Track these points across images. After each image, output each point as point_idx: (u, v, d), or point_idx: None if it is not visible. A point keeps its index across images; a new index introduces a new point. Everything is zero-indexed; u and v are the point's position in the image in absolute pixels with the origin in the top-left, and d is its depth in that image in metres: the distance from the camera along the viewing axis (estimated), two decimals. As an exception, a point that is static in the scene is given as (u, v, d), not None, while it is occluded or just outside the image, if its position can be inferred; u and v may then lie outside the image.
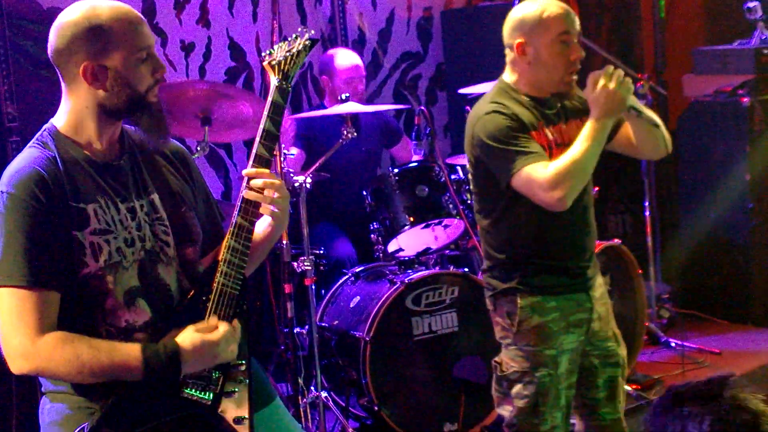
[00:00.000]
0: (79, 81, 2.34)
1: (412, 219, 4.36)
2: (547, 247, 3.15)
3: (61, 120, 2.41)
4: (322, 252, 4.46)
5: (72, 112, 2.39)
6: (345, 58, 4.97)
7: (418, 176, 4.43)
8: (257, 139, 2.48)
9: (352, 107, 4.38)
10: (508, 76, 3.20)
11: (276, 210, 2.47)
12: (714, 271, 5.67)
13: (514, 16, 3.18)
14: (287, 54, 2.52)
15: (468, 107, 4.68)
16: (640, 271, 4.84)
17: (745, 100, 5.48)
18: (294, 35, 2.58)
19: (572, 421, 3.29)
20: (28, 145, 2.41)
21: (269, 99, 2.49)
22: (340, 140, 4.21)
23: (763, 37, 5.64)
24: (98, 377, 2.27)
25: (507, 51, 3.19)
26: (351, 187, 4.78)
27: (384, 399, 4.13)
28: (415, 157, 4.77)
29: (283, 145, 4.24)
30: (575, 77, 3.16)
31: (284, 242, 4.12)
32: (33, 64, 4.47)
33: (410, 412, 4.20)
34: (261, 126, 2.47)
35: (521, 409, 3.15)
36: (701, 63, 5.88)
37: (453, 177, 4.57)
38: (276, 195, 2.45)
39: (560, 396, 3.15)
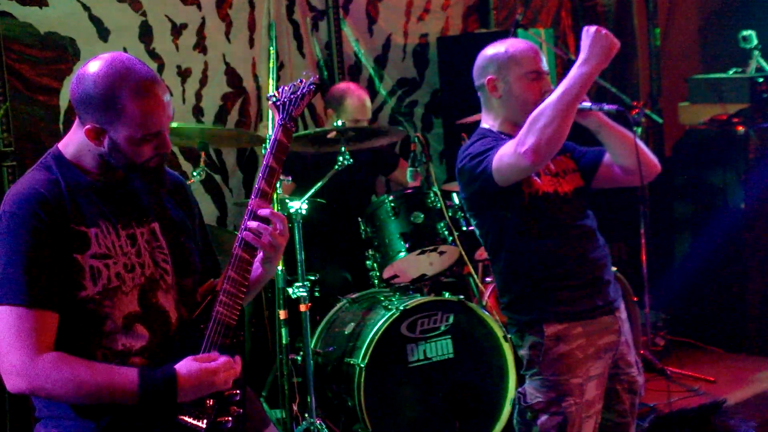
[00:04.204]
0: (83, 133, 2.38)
1: (407, 245, 4.36)
2: (560, 267, 3.16)
3: (66, 147, 2.44)
4: (317, 278, 4.45)
5: (78, 145, 2.42)
6: (357, 98, 4.96)
7: (414, 203, 4.43)
8: (260, 174, 2.51)
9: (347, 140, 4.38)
10: (485, 121, 3.29)
11: (275, 245, 2.49)
12: (709, 300, 5.67)
13: (483, 56, 3.28)
14: (292, 96, 2.60)
15: (464, 134, 4.71)
16: (635, 299, 4.84)
17: (740, 128, 5.50)
18: (299, 79, 2.65)
19: None
20: (32, 168, 2.43)
21: (274, 137, 2.55)
22: (336, 167, 4.21)
23: (758, 66, 5.67)
24: (94, 399, 2.27)
25: (480, 95, 3.28)
26: (346, 213, 4.78)
27: (378, 426, 4.11)
28: (411, 184, 4.77)
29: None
30: None
31: (279, 268, 4.12)
32: (29, 89, 4.47)
33: (404, 439, 4.18)
34: (264, 162, 2.52)
35: None
36: (696, 91, 5.91)
37: (448, 203, 4.57)
38: (279, 227, 2.47)
39: (587, 423, 3.13)
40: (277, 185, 2.59)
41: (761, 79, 5.57)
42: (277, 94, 2.62)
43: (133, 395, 2.27)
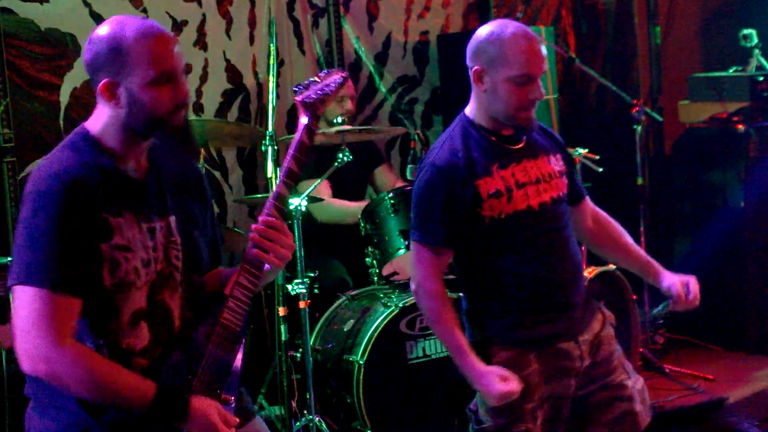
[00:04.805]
0: (101, 97, 2.34)
1: (407, 242, 4.36)
2: (520, 288, 2.93)
3: (94, 126, 2.38)
4: (316, 275, 4.45)
5: (103, 121, 2.37)
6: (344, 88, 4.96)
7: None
8: (280, 176, 2.48)
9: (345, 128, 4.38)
10: (470, 107, 3.03)
11: (279, 261, 2.47)
12: (708, 298, 5.63)
13: (478, 39, 2.97)
14: (320, 93, 2.54)
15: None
16: (634, 297, 4.84)
17: (741, 127, 5.50)
18: (324, 72, 2.60)
19: None
20: (60, 146, 2.37)
21: (297, 137, 2.50)
22: (336, 164, 4.21)
23: (758, 65, 5.67)
24: (104, 400, 2.25)
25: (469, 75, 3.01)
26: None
27: (377, 423, 4.11)
28: (402, 183, 4.77)
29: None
30: (532, 113, 2.94)
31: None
32: (29, 85, 4.47)
33: (403, 436, 4.18)
34: (285, 164, 2.48)
35: None
36: (696, 90, 5.90)
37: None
38: (288, 242, 2.47)
39: None
40: (294, 188, 2.52)
41: (761, 78, 5.57)
42: (303, 89, 2.54)
43: (143, 407, 2.25)
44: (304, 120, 2.51)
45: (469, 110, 3.03)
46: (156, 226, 2.38)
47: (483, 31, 2.98)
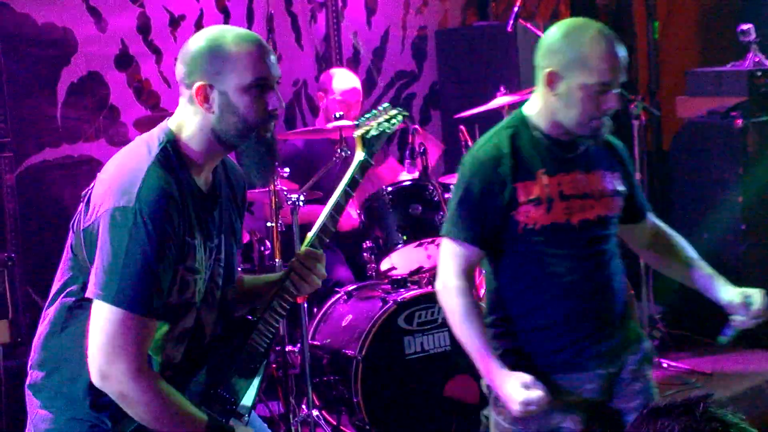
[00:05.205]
0: (193, 102, 2.27)
1: (405, 237, 4.36)
2: (546, 312, 2.70)
3: (182, 130, 2.30)
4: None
5: (191, 129, 2.29)
6: (344, 80, 4.96)
7: (412, 195, 4.43)
8: (326, 209, 2.51)
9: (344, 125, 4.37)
10: (532, 104, 2.76)
11: (311, 288, 2.51)
12: (707, 293, 5.67)
13: (555, 36, 2.68)
14: (380, 131, 2.58)
15: (462, 127, 4.71)
16: (632, 292, 4.83)
17: (739, 122, 5.49)
18: (384, 105, 2.63)
19: None
20: (144, 150, 2.25)
21: (350, 171, 2.53)
22: (334, 159, 4.21)
23: (757, 60, 5.66)
24: (162, 427, 2.23)
25: (536, 73, 2.73)
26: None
27: (375, 418, 4.11)
28: (407, 176, 4.76)
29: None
30: (603, 123, 2.69)
31: (277, 260, 4.12)
32: (27, 82, 4.47)
33: (401, 431, 4.18)
34: (334, 197, 2.51)
35: None
36: (695, 84, 5.90)
37: (447, 196, 4.57)
38: (321, 274, 2.49)
39: None
40: (338, 221, 2.55)
41: (760, 73, 5.56)
42: (365, 125, 2.57)
43: None
44: (360, 156, 2.55)
45: (528, 108, 2.76)
46: (213, 245, 2.35)
47: (560, 28, 2.70)
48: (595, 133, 2.69)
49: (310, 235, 2.50)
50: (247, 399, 2.46)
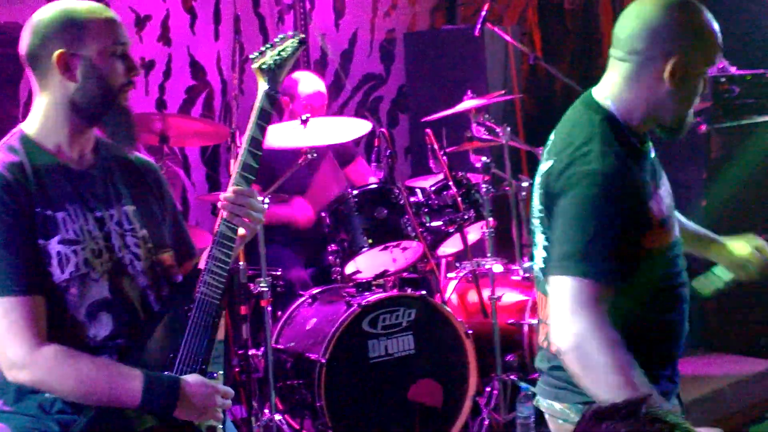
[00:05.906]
0: (51, 74, 2.31)
1: (370, 241, 4.35)
2: (646, 341, 2.23)
3: (30, 125, 2.37)
4: (279, 273, 4.44)
5: (43, 114, 2.36)
6: (308, 84, 4.93)
7: (377, 198, 4.42)
8: (243, 146, 2.47)
9: (311, 135, 4.36)
10: (618, 99, 2.28)
11: (252, 224, 2.49)
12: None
13: (668, 18, 2.19)
14: (277, 58, 2.51)
15: (428, 130, 4.71)
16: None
17: (703, 127, 5.54)
18: (280, 36, 2.57)
19: None
20: None
21: (257, 105, 2.48)
22: (299, 161, 4.20)
23: (721, 66, 5.71)
24: (94, 396, 2.23)
25: (628, 63, 2.32)
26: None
27: (339, 422, 4.10)
28: (373, 179, 4.76)
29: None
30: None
31: (241, 263, 4.10)
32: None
33: (365, 435, 4.18)
34: (247, 133, 2.46)
35: None
36: (660, 90, 5.93)
37: (412, 199, 4.56)
38: (258, 205, 2.47)
39: None
40: (260, 157, 2.50)
41: (723, 79, 5.61)
42: (261, 57, 2.52)
43: (134, 398, 2.24)
44: (263, 86, 2.50)
45: (610, 102, 2.30)
46: (105, 215, 2.37)
47: (665, 7, 2.20)
48: (688, 127, 2.32)
49: (233, 176, 2.48)
50: (215, 353, 2.43)
